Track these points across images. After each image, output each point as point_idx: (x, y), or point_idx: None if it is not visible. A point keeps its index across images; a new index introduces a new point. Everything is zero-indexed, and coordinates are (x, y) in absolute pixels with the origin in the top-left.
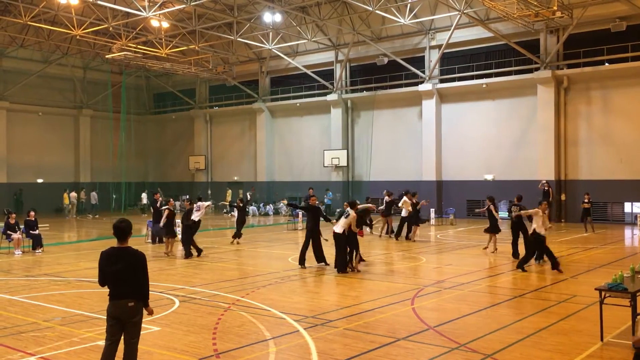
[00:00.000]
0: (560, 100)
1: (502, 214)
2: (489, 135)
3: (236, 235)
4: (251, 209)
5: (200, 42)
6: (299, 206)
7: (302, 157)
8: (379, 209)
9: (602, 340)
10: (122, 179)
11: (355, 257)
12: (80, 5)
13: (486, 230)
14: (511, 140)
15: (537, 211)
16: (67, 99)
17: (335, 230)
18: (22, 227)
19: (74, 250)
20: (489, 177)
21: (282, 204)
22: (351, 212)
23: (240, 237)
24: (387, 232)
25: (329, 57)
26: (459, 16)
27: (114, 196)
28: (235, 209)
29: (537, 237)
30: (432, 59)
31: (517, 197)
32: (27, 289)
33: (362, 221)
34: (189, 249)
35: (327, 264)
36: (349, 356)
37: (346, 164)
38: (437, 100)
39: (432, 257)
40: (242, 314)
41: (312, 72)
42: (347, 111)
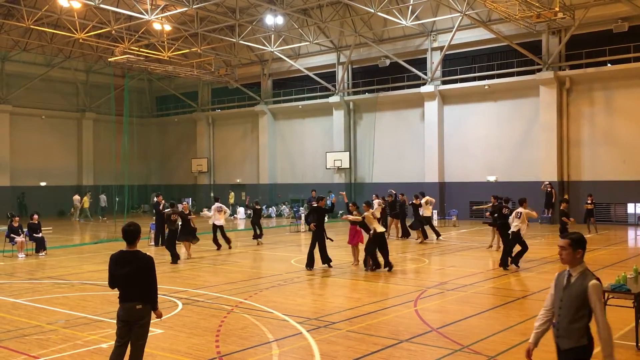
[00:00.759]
0: (562, 101)
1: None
2: (491, 136)
3: (257, 236)
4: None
5: (202, 45)
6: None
7: (304, 159)
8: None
9: None
10: (125, 182)
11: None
12: (82, 8)
13: (489, 223)
14: (514, 141)
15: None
16: (70, 103)
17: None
18: (25, 230)
19: (77, 253)
20: (492, 178)
21: (285, 208)
22: (366, 212)
23: (260, 237)
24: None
25: (331, 59)
26: (461, 18)
27: (117, 199)
28: (249, 209)
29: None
30: (434, 60)
31: (504, 198)
32: (30, 292)
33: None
34: (175, 252)
35: (330, 265)
36: (352, 358)
37: (348, 166)
38: (439, 101)
39: (435, 258)
40: (245, 317)
41: (314, 74)
42: (349, 113)
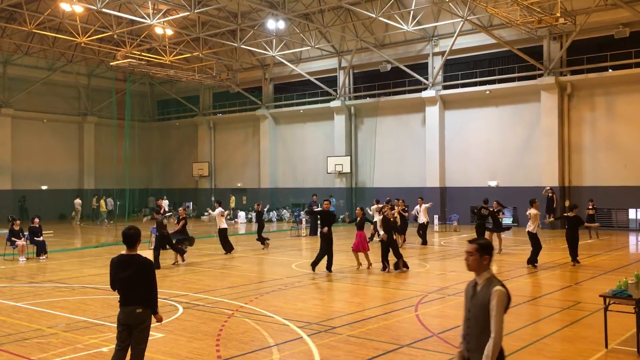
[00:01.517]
0: (563, 106)
1: (507, 220)
2: (492, 141)
3: (262, 240)
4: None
5: (204, 49)
6: (314, 211)
7: (305, 163)
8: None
9: (606, 347)
10: (126, 186)
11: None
12: (85, 13)
13: (490, 229)
14: (515, 146)
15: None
16: (71, 106)
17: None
18: (26, 233)
19: (78, 257)
20: (493, 183)
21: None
22: (377, 217)
23: (263, 242)
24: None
25: (332, 64)
26: (462, 23)
27: (118, 203)
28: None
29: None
30: (436, 65)
31: (483, 200)
32: (31, 295)
33: (388, 225)
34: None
35: (330, 270)
36: None
37: (350, 171)
38: (440, 106)
39: (436, 263)
40: (245, 321)
41: (316, 78)
42: (351, 118)
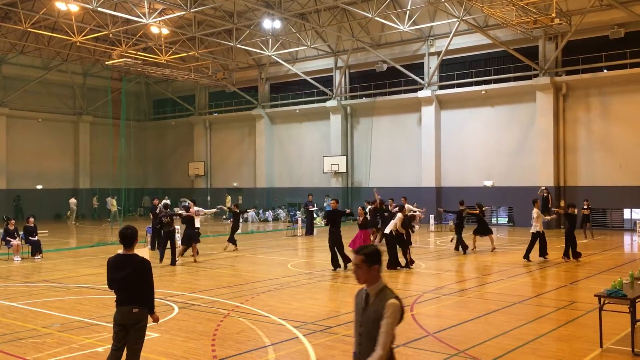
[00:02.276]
0: (559, 106)
1: (502, 220)
2: (488, 141)
3: (231, 240)
4: (250, 215)
5: (199, 49)
6: (329, 212)
7: (301, 163)
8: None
9: (601, 346)
10: (121, 185)
11: (407, 254)
12: (80, 12)
13: (478, 232)
14: (510, 146)
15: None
16: (66, 106)
17: (385, 231)
18: (21, 233)
19: (73, 256)
20: (489, 183)
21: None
22: (398, 214)
23: (234, 243)
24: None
25: (328, 64)
26: (458, 23)
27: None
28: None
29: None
30: (431, 65)
31: (459, 201)
32: (26, 295)
33: (407, 224)
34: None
35: (343, 267)
36: None
37: (345, 170)
38: (436, 106)
39: (431, 263)
40: (241, 321)
41: (312, 78)
42: (347, 117)
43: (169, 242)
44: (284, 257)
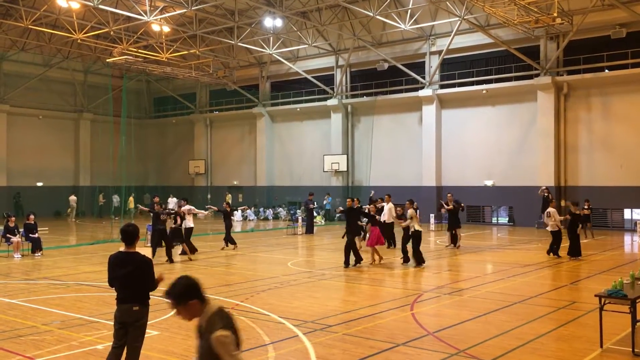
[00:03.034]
0: (560, 106)
1: (503, 220)
2: (489, 140)
3: (232, 240)
4: (237, 214)
5: (201, 47)
6: (344, 210)
7: (302, 161)
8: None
9: (601, 346)
10: (122, 183)
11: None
12: (81, 9)
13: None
14: (511, 146)
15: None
16: (67, 103)
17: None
18: (21, 230)
19: (73, 253)
20: (489, 182)
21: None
22: (410, 210)
23: (233, 242)
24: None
25: (329, 62)
26: (460, 22)
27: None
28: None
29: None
30: (433, 64)
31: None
32: (26, 292)
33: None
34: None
35: (353, 265)
36: None
37: (346, 169)
38: (437, 105)
39: (432, 262)
40: (241, 319)
41: (313, 77)
42: (347, 116)
43: (163, 240)
44: (284, 256)
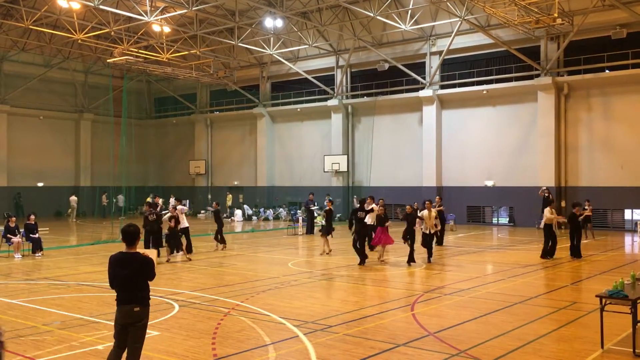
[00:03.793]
0: (560, 106)
1: (503, 220)
2: (489, 141)
3: (222, 239)
4: (238, 214)
5: (201, 47)
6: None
7: (302, 162)
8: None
9: (602, 347)
10: (122, 183)
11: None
12: (82, 9)
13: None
14: (511, 146)
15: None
16: (68, 103)
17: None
18: (22, 230)
19: (74, 254)
20: (490, 183)
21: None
22: (425, 211)
23: (223, 242)
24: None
25: (329, 63)
26: (460, 22)
27: (114, 200)
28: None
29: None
30: (433, 65)
31: (369, 197)
32: (26, 292)
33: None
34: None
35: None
36: None
37: (346, 170)
38: (437, 106)
39: (432, 263)
40: (241, 319)
41: (313, 77)
42: (348, 117)
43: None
44: (285, 256)
